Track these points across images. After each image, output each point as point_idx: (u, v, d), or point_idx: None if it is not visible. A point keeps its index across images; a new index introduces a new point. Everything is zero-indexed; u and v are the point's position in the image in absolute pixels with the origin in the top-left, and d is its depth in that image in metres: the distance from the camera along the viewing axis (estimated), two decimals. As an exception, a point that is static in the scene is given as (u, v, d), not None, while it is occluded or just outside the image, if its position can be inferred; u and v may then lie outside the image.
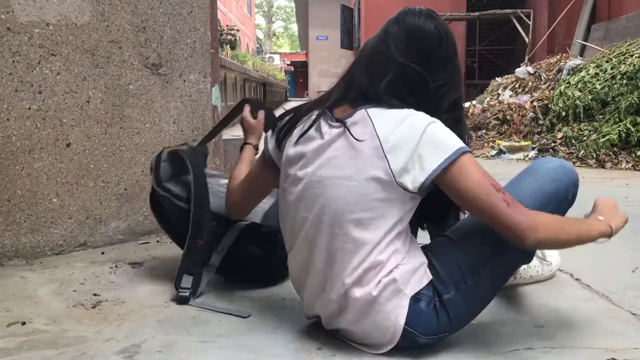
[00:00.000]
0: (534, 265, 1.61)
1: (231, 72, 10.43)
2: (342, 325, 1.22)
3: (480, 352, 1.21)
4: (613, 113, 4.41)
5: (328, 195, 1.16)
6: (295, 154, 1.24)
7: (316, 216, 1.18)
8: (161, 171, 1.65)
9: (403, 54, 1.17)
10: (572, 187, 1.30)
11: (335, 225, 1.15)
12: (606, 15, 7.30)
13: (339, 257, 1.16)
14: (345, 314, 1.19)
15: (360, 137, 1.14)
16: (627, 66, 4.51)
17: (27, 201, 1.93)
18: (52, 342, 1.29)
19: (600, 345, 1.24)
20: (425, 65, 1.17)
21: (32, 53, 1.90)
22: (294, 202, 1.23)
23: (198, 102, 2.30)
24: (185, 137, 2.26)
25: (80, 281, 1.71)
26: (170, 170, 1.66)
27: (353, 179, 1.14)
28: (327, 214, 1.16)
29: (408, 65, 1.16)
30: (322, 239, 1.18)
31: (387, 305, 1.14)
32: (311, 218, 1.19)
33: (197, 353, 1.23)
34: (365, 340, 1.20)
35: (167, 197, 1.63)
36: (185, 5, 2.23)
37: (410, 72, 1.17)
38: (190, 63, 2.27)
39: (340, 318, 1.20)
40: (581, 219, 1.25)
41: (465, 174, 1.10)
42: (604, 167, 4.13)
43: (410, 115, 1.14)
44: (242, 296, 1.57)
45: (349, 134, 1.15)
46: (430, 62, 1.18)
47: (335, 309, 1.19)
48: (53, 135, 1.96)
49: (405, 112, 1.14)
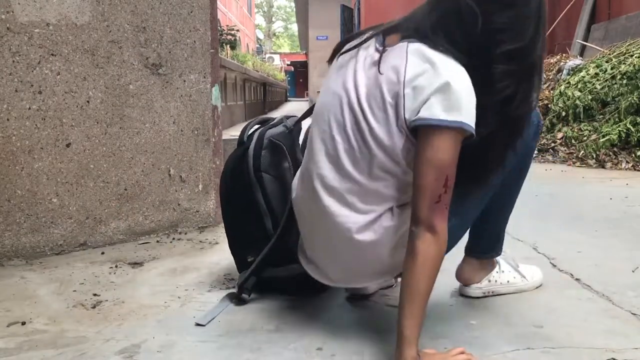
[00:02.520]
0: (508, 271, 1.58)
1: (231, 72, 10.43)
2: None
3: (480, 352, 1.21)
4: (613, 113, 4.41)
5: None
6: (335, 65, 1.27)
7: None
8: (262, 158, 1.52)
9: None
10: None
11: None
12: (606, 15, 7.29)
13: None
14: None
15: (387, 68, 1.13)
16: (627, 66, 4.51)
17: (27, 201, 1.93)
18: (52, 342, 1.29)
19: (600, 345, 1.24)
20: (484, 2, 1.10)
21: (32, 53, 1.90)
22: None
23: (198, 102, 2.30)
24: (186, 137, 2.26)
25: (80, 281, 1.71)
26: (269, 159, 1.53)
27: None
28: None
29: (471, 5, 1.09)
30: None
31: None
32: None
33: (197, 353, 1.24)
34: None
35: (258, 186, 1.52)
36: (185, 5, 2.23)
37: (463, 6, 1.10)
38: (190, 63, 2.27)
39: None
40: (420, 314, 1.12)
41: (440, 148, 1.07)
42: (604, 167, 4.12)
43: (442, 64, 1.09)
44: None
45: (378, 64, 1.15)
46: (491, 2, 1.11)
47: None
48: (53, 135, 1.96)
49: (439, 58, 1.10)
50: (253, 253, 1.51)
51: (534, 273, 1.62)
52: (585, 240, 2.11)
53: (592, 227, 2.31)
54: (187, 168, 2.29)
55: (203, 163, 2.33)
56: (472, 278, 1.55)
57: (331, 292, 1.57)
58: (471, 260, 1.54)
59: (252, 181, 1.51)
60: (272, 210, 1.50)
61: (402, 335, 1.10)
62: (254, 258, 1.50)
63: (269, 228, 1.49)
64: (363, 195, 1.19)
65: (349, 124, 1.18)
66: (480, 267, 1.55)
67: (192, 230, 2.32)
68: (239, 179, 1.54)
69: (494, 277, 1.55)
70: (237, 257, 1.62)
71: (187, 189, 2.29)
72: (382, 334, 1.31)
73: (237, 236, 1.60)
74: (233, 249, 1.63)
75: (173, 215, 2.27)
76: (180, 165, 2.26)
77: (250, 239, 1.54)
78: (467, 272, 1.55)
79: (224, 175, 1.61)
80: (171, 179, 2.25)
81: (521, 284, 1.58)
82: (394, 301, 1.46)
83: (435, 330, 1.32)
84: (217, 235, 2.26)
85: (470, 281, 1.55)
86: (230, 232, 1.62)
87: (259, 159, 1.51)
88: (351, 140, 1.17)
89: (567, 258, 1.88)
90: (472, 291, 1.55)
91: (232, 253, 1.63)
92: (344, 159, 1.18)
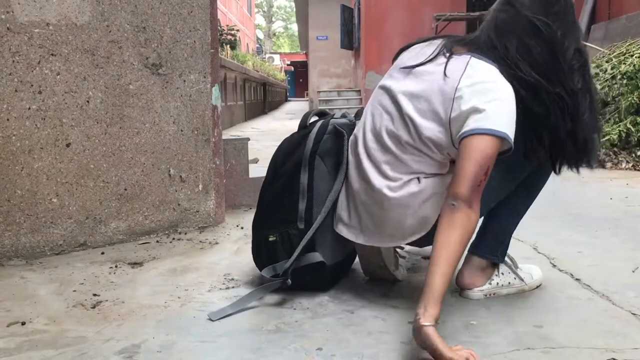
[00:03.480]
0: (507, 273, 1.58)
1: (231, 72, 10.43)
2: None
3: (480, 352, 1.21)
4: (613, 113, 4.41)
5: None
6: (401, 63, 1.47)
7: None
8: (322, 143, 1.56)
9: (529, 8, 1.34)
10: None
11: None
12: (606, 15, 7.29)
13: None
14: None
15: (448, 72, 1.33)
16: (627, 66, 4.51)
17: (27, 201, 1.93)
18: (52, 342, 1.29)
19: (600, 345, 1.24)
20: (550, 17, 1.33)
21: (32, 53, 1.90)
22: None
23: (198, 102, 2.30)
24: (185, 137, 2.26)
25: (80, 281, 1.71)
26: (329, 144, 1.57)
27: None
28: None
29: (536, 18, 1.32)
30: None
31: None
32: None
33: (197, 353, 1.24)
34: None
35: (307, 168, 1.55)
36: (185, 5, 2.23)
37: (538, 24, 1.32)
38: (190, 63, 2.27)
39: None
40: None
41: (488, 147, 1.25)
42: (604, 167, 4.12)
43: (495, 82, 1.30)
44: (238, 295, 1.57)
45: (444, 67, 1.35)
46: (552, 15, 1.34)
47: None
48: (53, 135, 1.96)
49: (492, 74, 1.31)
50: (276, 232, 1.54)
51: (534, 273, 1.62)
52: (585, 240, 2.11)
53: (592, 227, 2.31)
54: (187, 168, 2.29)
55: (203, 163, 2.33)
56: (473, 283, 1.55)
57: (331, 292, 1.58)
58: (472, 259, 1.55)
59: (304, 161, 1.55)
60: (311, 196, 1.54)
61: (431, 292, 1.18)
62: (275, 238, 1.53)
63: (300, 209, 1.53)
64: (396, 166, 1.40)
65: (396, 110, 1.40)
66: (480, 270, 1.55)
67: (192, 230, 2.32)
68: (291, 158, 1.59)
69: (494, 280, 1.56)
70: (258, 235, 1.60)
71: (187, 189, 2.30)
72: (382, 334, 1.31)
73: (267, 214, 1.60)
74: (257, 225, 1.62)
75: (173, 215, 2.27)
76: (180, 165, 2.27)
77: (279, 219, 1.56)
78: (467, 276, 1.55)
79: (277, 153, 1.64)
80: (171, 179, 2.25)
81: (521, 285, 1.58)
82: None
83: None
84: (217, 235, 2.26)
85: (471, 285, 1.55)
86: (261, 209, 1.63)
87: (318, 144, 1.57)
88: (395, 123, 1.40)
89: (567, 258, 1.88)
90: (473, 294, 1.55)
91: (254, 232, 1.63)
92: (385, 136, 1.41)
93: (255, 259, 1.62)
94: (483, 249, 1.55)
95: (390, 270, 1.62)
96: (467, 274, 1.55)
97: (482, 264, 1.55)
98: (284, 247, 1.52)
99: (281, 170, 1.59)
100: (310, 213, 1.52)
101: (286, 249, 1.52)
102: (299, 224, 1.52)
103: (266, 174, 1.64)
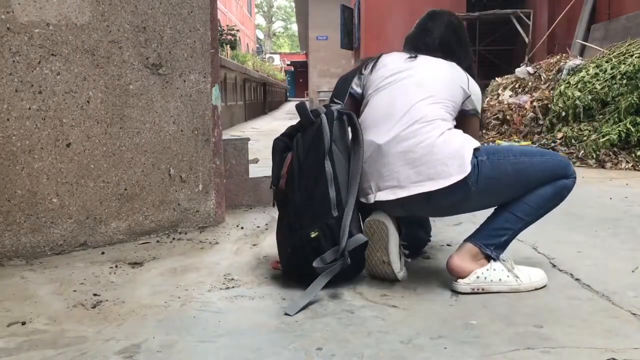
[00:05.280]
0: (500, 269, 1.59)
1: (231, 72, 10.43)
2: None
3: (480, 352, 1.21)
4: (613, 113, 4.41)
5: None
6: (385, 71, 1.75)
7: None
8: (334, 129, 1.64)
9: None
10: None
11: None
12: (606, 15, 7.29)
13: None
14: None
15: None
16: (627, 66, 4.51)
17: (27, 201, 1.93)
18: (52, 342, 1.29)
19: (600, 345, 1.24)
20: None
21: (32, 53, 1.90)
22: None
23: (198, 102, 2.30)
24: (186, 137, 2.26)
25: (80, 281, 1.71)
26: (337, 130, 1.65)
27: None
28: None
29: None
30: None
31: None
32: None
33: (197, 353, 1.24)
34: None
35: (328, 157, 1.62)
36: (185, 5, 2.23)
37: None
38: (190, 63, 2.27)
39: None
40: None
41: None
42: (604, 167, 4.13)
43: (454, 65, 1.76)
44: (238, 295, 1.57)
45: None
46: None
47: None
48: (53, 135, 1.96)
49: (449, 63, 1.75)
50: (315, 227, 1.58)
51: (533, 275, 1.62)
52: (585, 240, 2.11)
53: (592, 227, 2.31)
54: (187, 168, 2.29)
55: (203, 163, 2.33)
56: (460, 266, 1.57)
57: (331, 292, 1.58)
58: (465, 244, 1.61)
59: (326, 152, 1.61)
60: (337, 182, 1.60)
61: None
62: (318, 233, 1.57)
63: (332, 197, 1.59)
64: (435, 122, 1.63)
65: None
66: (471, 256, 1.58)
67: (192, 230, 2.32)
68: (312, 153, 1.64)
69: (484, 274, 1.57)
70: (298, 237, 1.60)
71: (187, 189, 2.30)
72: (382, 334, 1.31)
73: (298, 215, 1.62)
74: (292, 229, 1.63)
75: (173, 215, 2.27)
76: (180, 165, 2.27)
77: (313, 214, 1.60)
78: (456, 259, 1.58)
79: (296, 154, 1.67)
80: (171, 179, 2.25)
81: (515, 284, 1.58)
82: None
83: (435, 330, 1.33)
84: (217, 235, 2.26)
85: (459, 270, 1.57)
86: (290, 213, 1.65)
87: (331, 132, 1.63)
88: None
89: (567, 258, 1.88)
90: (459, 287, 1.57)
91: (288, 238, 1.64)
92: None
93: (289, 262, 1.66)
94: (477, 237, 1.61)
95: (393, 268, 1.62)
96: (457, 256, 1.59)
97: (473, 251, 1.59)
98: (325, 239, 1.57)
99: (305, 167, 1.63)
100: (339, 198, 1.59)
101: (328, 239, 1.57)
102: (333, 212, 1.58)
103: (287, 178, 1.67)
